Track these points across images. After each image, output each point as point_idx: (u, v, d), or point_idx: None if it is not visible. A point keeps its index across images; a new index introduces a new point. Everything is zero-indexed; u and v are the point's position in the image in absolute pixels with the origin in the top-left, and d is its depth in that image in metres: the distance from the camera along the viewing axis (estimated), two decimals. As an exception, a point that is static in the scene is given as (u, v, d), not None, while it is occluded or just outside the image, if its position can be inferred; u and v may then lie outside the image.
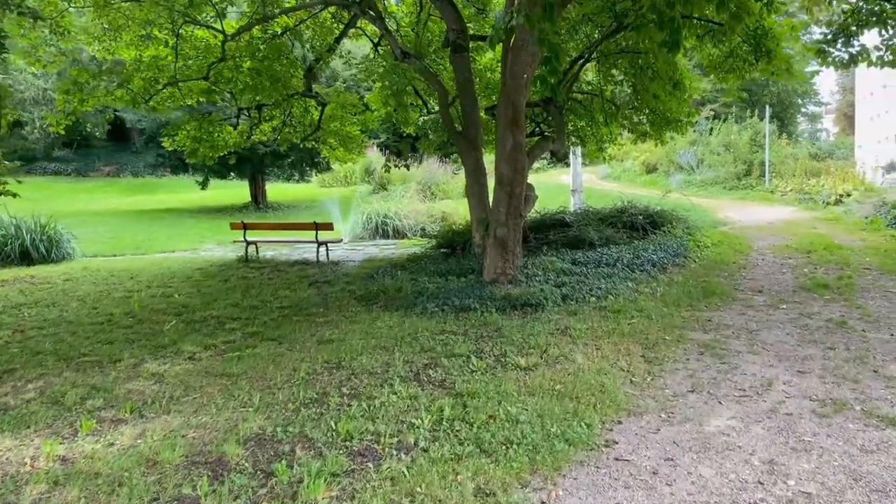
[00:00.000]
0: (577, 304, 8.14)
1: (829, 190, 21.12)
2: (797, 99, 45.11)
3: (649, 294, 8.64)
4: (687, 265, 10.95)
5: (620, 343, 6.38)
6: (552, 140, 11.90)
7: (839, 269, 10.19)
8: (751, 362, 5.80)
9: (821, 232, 14.67)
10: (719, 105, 35.16)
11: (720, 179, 27.42)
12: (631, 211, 13.90)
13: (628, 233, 13.16)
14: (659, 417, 4.60)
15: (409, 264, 12.22)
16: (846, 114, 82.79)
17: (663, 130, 13.73)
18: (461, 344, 6.50)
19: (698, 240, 13.11)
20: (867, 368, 5.46)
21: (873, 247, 12.03)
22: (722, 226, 17.05)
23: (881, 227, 14.59)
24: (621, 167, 35.41)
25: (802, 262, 10.99)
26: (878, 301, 7.95)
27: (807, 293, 8.60)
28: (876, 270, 9.90)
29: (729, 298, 8.45)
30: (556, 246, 12.11)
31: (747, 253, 12.34)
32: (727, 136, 29.42)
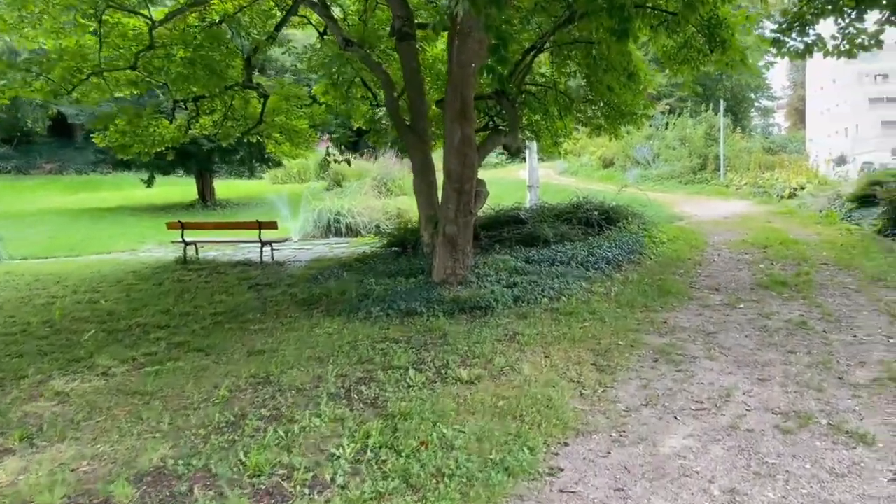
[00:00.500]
0: (529, 306, 7.70)
1: (783, 183, 21.17)
2: (750, 93, 45.67)
3: (603, 294, 8.25)
4: (642, 262, 10.62)
5: (571, 350, 5.94)
6: (504, 134, 11.45)
7: (796, 264, 9.97)
8: (708, 369, 5.42)
9: (776, 226, 14.54)
10: (675, 99, 35.27)
11: (676, 174, 27.42)
12: (586, 207, 13.55)
13: (584, 229, 12.81)
14: (609, 437, 4.16)
15: (358, 264, 11.68)
16: (797, 108, 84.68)
17: (618, 124, 13.40)
18: (402, 354, 6.00)
19: (654, 235, 12.82)
20: (831, 375, 5.12)
21: (829, 241, 11.88)
22: (678, 221, 16.87)
23: (836, 220, 14.53)
24: (578, 162, 35.28)
25: (759, 258, 10.76)
26: (838, 299, 7.68)
27: (764, 291, 8.31)
28: (833, 265, 9.70)
29: (685, 298, 8.11)
30: (510, 244, 11.70)
31: (703, 249, 12.09)
32: (682, 131, 29.46)
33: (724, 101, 31.79)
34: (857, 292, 7.95)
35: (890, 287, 8.07)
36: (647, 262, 10.62)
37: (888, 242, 11.06)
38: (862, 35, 9.17)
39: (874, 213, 13.49)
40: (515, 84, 11.46)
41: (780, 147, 29.69)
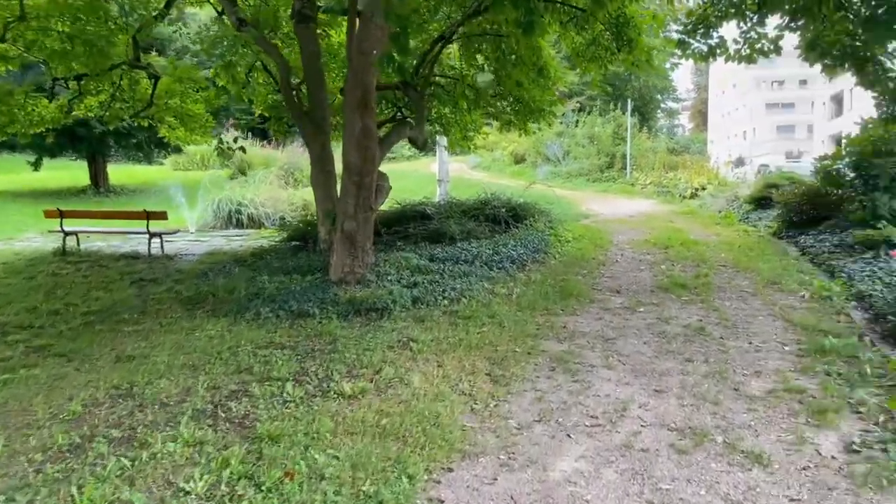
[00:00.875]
0: (428, 309, 7.34)
1: (685, 184, 21.74)
2: (657, 95, 47.08)
3: (505, 296, 7.99)
4: (547, 262, 10.47)
5: (466, 358, 5.61)
6: (411, 126, 11.03)
7: (696, 265, 10.04)
8: (605, 379, 5.19)
9: (678, 226, 14.80)
10: (585, 98, 35.89)
11: (585, 171, 27.81)
12: (494, 203, 13.33)
13: (490, 226, 12.58)
14: (498, 460, 3.83)
15: (254, 260, 11.02)
16: (700, 111, 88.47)
17: (527, 120, 13.24)
18: (284, 362, 5.50)
19: (560, 234, 12.75)
20: (727, 386, 4.99)
21: (727, 242, 12.11)
22: (584, 219, 16.96)
23: (734, 221, 14.91)
24: (491, 157, 35.34)
25: (660, 259, 10.81)
26: (735, 302, 7.70)
27: (664, 293, 8.26)
28: (731, 267, 9.81)
29: (586, 300, 7.95)
30: (416, 240, 11.32)
31: (607, 248, 12.09)
32: (591, 129, 29.91)
33: (632, 101, 32.54)
34: (754, 296, 8.01)
35: (784, 291, 8.17)
36: (552, 262, 10.47)
37: (783, 245, 11.35)
38: (763, 40, 9.30)
39: (770, 216, 13.90)
40: (423, 75, 11.07)
41: (683, 148, 30.65)
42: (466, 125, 14.41)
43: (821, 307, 7.28)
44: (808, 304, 7.50)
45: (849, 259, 8.91)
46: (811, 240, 10.74)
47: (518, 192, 14.43)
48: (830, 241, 10.17)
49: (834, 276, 8.55)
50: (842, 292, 7.65)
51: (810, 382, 5.00)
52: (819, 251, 9.88)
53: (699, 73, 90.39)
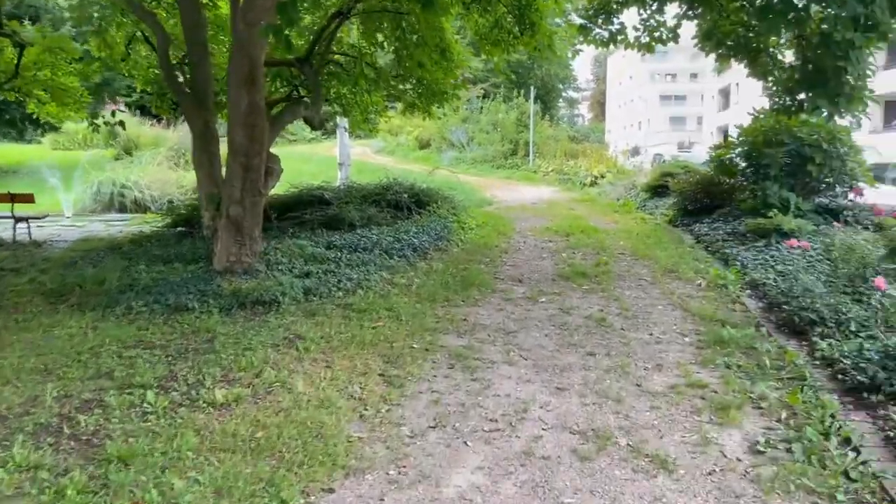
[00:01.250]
0: (320, 301, 6.85)
1: (585, 172, 22.02)
2: (559, 84, 47.83)
3: (404, 286, 7.59)
4: (449, 249, 10.15)
5: (358, 356, 5.17)
6: (306, 106, 10.40)
7: (596, 253, 9.99)
8: (506, 377, 4.89)
9: (579, 213, 14.85)
10: (489, 84, 35.86)
11: (489, 158, 27.77)
12: (396, 189, 12.88)
13: (392, 212, 12.14)
14: (386, 476, 3.43)
15: (132, 247, 10.13)
16: (599, 101, 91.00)
17: (431, 103, 12.84)
18: (151, 366, 4.89)
19: (463, 221, 12.48)
20: (630, 381, 4.79)
21: (626, 230, 12.19)
22: (488, 205, 16.80)
23: (632, 209, 15.11)
24: (395, 141, 34.81)
25: (562, 246, 10.71)
26: (634, 291, 7.61)
27: (566, 282, 8.10)
28: (630, 255, 9.81)
29: (488, 290, 7.67)
30: (312, 226, 10.75)
31: (510, 235, 11.91)
32: (496, 115, 29.90)
33: (535, 89, 32.79)
34: (652, 284, 7.97)
35: (682, 279, 8.18)
36: (455, 250, 10.17)
37: (678, 233, 11.51)
38: (661, 28, 9.28)
39: (666, 204, 14.15)
40: (319, 52, 10.45)
41: (583, 137, 31.20)
42: (368, 107, 13.87)
43: (717, 296, 7.30)
44: (705, 292, 7.51)
45: (742, 247, 9.05)
46: (705, 228, 10.93)
47: (422, 178, 14.04)
48: (724, 229, 10.36)
49: (728, 265, 8.65)
50: (736, 280, 7.71)
51: (711, 376, 4.88)
52: (713, 239, 10.04)
53: (598, 64, 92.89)
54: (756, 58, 8.93)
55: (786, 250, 8.24)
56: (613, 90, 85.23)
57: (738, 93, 55.65)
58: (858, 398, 4.30)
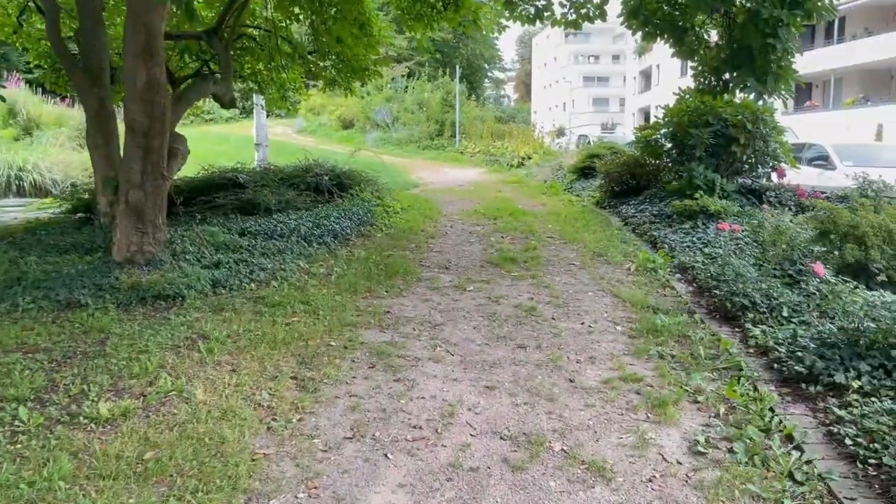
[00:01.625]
0: (230, 294, 6.30)
1: (512, 153, 21.86)
2: (484, 64, 47.62)
3: (323, 276, 7.12)
4: (373, 235, 9.70)
5: (269, 357, 4.69)
6: (214, 81, 9.68)
7: (524, 237, 9.74)
8: (431, 376, 4.53)
9: (506, 196, 14.63)
10: (414, 63, 35.30)
11: (415, 138, 27.29)
12: (316, 171, 12.28)
13: (312, 196, 11.55)
14: (295, 500, 3.01)
15: (26, 235, 9.22)
16: (524, 82, 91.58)
17: (352, 79, 12.27)
18: (30, 374, 4.27)
19: (388, 204, 12.03)
20: (562, 376, 4.51)
21: (554, 212, 12.02)
22: (414, 188, 16.39)
23: (559, 190, 14.99)
24: (317, 121, 33.82)
25: (490, 230, 10.42)
26: (564, 277, 7.38)
27: (494, 268, 7.80)
28: (559, 239, 9.60)
29: (414, 278, 7.28)
30: (226, 212, 10.07)
31: (437, 219, 11.55)
32: (421, 94, 29.36)
33: (461, 68, 32.42)
34: (582, 269, 7.76)
35: (611, 263, 8.01)
36: (378, 236, 9.72)
37: (605, 215, 11.41)
38: (588, 5, 9.03)
39: (593, 185, 14.09)
40: (229, 24, 9.74)
41: (510, 117, 31.02)
42: (285, 84, 13.19)
43: (647, 280, 7.15)
44: (635, 276, 7.36)
45: (669, 229, 8.98)
46: (632, 209, 10.86)
47: (344, 159, 13.46)
48: (650, 210, 10.29)
49: (657, 248, 8.56)
50: (665, 264, 7.59)
51: (645, 368, 4.66)
52: (640, 221, 9.95)
53: (523, 44, 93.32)
54: (682, 37, 8.78)
55: (713, 232, 8.18)
56: (538, 71, 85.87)
57: (660, 75, 56.97)
58: (797, 389, 4.15)
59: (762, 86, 7.33)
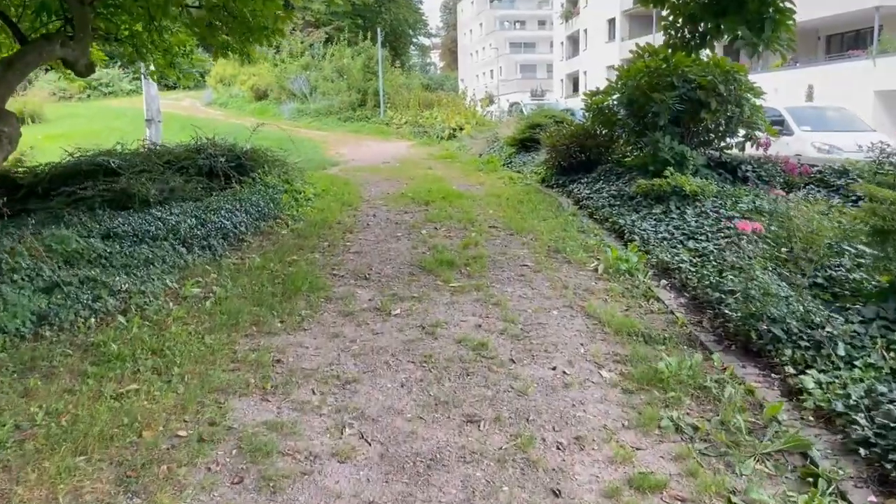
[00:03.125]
0: (55, 339, 4.41)
1: (442, 123, 20.06)
2: (409, 29, 45.28)
3: (196, 300, 5.25)
4: (275, 232, 7.83)
5: (69, 474, 2.87)
6: (62, 43, 7.51)
7: (463, 228, 8.05)
8: (333, 494, 2.81)
9: (438, 174, 12.87)
10: (333, 28, 32.75)
11: (335, 109, 25.06)
12: (210, 151, 10.21)
13: (205, 183, 9.51)
14: None
15: None
16: (450, 49, 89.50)
17: (246, 41, 10.17)
18: None
19: (298, 190, 10.10)
20: (540, 485, 2.87)
21: (495, 193, 10.34)
22: (332, 167, 14.43)
23: (497, 166, 13.32)
24: (228, 93, 31.05)
25: (420, 219, 8.68)
26: (518, 287, 5.74)
27: (428, 276, 6.08)
28: (504, 229, 7.95)
29: (321, 297, 5.48)
30: (93, 206, 7.99)
31: (357, 206, 9.71)
32: (340, 61, 27.01)
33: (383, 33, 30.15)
34: (538, 273, 6.14)
35: (573, 262, 6.43)
36: (283, 233, 7.85)
37: (554, 196, 9.82)
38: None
39: (535, 160, 12.50)
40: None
41: (437, 85, 29.00)
42: (171, 48, 10.99)
43: (623, 288, 5.59)
44: (607, 282, 5.79)
45: (635, 215, 7.47)
46: (586, 189, 9.30)
47: (244, 136, 11.40)
48: (608, 190, 8.76)
49: (624, 239, 7.02)
50: (640, 263, 6.06)
51: (663, 459, 3.07)
52: (598, 204, 8.41)
53: (448, 11, 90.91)
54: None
55: (693, 219, 6.70)
56: (464, 38, 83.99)
57: (587, 39, 55.92)
58: (917, 505, 2.62)
59: (756, 35, 5.80)
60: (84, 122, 22.96)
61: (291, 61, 28.78)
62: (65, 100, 31.78)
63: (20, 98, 23.57)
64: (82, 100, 32.06)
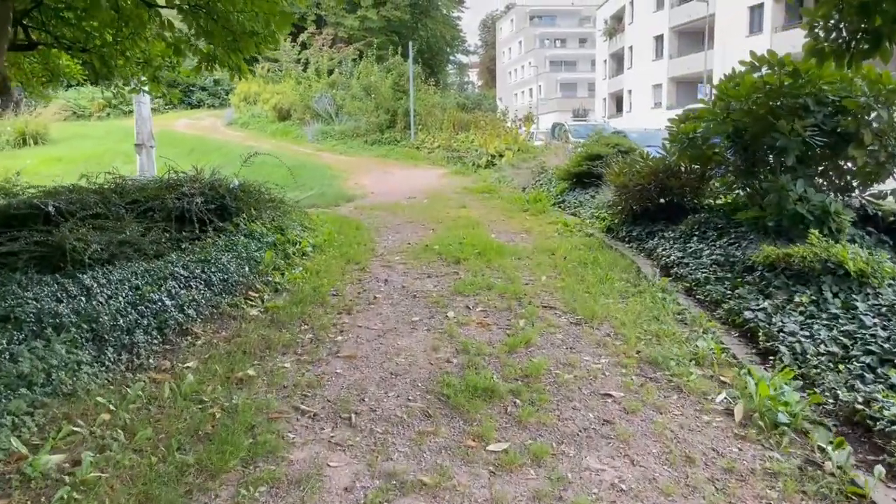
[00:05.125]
0: None
1: (479, 148, 17.74)
2: (445, 47, 43.27)
3: (45, 487, 2.96)
4: (241, 315, 5.54)
5: None
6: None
7: (506, 309, 5.68)
8: None
9: (473, 215, 10.50)
10: (364, 44, 30.78)
11: (361, 131, 22.90)
12: (184, 189, 8.03)
13: (173, 231, 7.33)
14: None
15: None
16: (489, 67, 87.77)
17: (233, 49, 7.99)
18: None
19: (293, 240, 7.84)
20: None
21: (547, 248, 7.92)
22: (347, 202, 12.19)
23: (547, 206, 10.89)
24: (250, 112, 29.22)
25: (447, 290, 6.32)
26: (604, 458, 3.32)
27: (452, 424, 3.71)
28: (566, 313, 5.54)
29: (263, 477, 3.15)
30: (17, 266, 5.85)
31: (366, 264, 7.41)
32: (367, 77, 24.87)
33: (416, 47, 28.07)
34: (632, 417, 3.74)
35: (684, 392, 4.00)
36: (252, 314, 5.56)
37: (628, 255, 7.35)
38: None
39: (595, 200, 10.05)
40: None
41: (475, 104, 26.66)
42: (152, 60, 8.94)
43: (792, 467, 3.15)
44: (758, 448, 3.36)
45: (764, 301, 4.99)
46: (673, 248, 6.82)
47: (259, 161, 9.21)
48: (709, 253, 6.28)
49: (757, 344, 4.57)
50: (804, 406, 3.61)
51: None
52: (698, 276, 5.95)
53: (486, 29, 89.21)
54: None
55: (871, 318, 4.22)
56: (503, 57, 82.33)
57: (633, 57, 53.32)
58: None
59: None
60: (91, 143, 21.28)
61: (317, 79, 26.85)
62: (84, 119, 30.37)
63: (22, 117, 22.00)
64: (101, 118, 30.60)
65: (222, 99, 34.45)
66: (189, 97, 35.95)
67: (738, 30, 37.85)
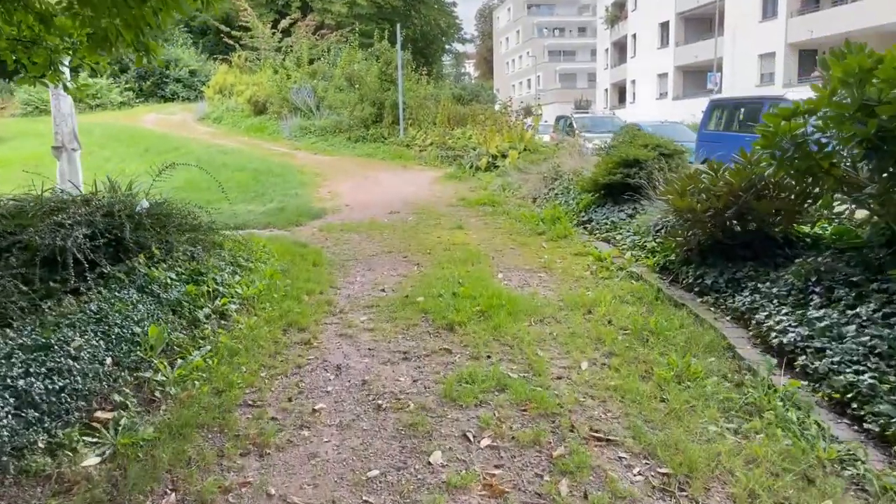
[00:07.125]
0: None
1: (478, 147, 15.28)
2: (441, 35, 40.65)
3: None
4: (58, 474, 3.11)
5: None
6: None
7: (533, 454, 3.29)
8: None
9: (472, 241, 8.07)
10: (349, 30, 28.20)
11: (344, 127, 20.39)
12: (63, 217, 5.58)
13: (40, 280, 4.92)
14: None
15: None
16: (486, 58, 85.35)
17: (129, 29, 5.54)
18: None
19: (213, 291, 5.41)
20: None
21: (579, 301, 5.48)
22: (312, 220, 9.74)
23: (568, 227, 8.40)
24: (224, 106, 26.68)
25: (432, 395, 3.93)
26: None
27: None
28: (638, 458, 3.14)
29: None
30: None
31: (316, 331, 4.99)
32: (350, 65, 22.26)
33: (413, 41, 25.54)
34: None
35: None
36: (79, 472, 3.13)
37: (706, 318, 4.90)
38: None
39: (632, 220, 7.62)
40: None
41: (472, 96, 24.06)
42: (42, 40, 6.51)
43: None
44: None
45: None
46: (786, 317, 4.40)
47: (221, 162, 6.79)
48: (856, 333, 3.89)
49: None
50: None
51: None
52: (849, 375, 3.55)
53: (483, 18, 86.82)
54: None
55: None
56: (500, 47, 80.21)
57: (636, 45, 50.85)
58: None
59: None
60: (36, 143, 18.82)
61: (296, 69, 24.35)
62: (46, 114, 27.85)
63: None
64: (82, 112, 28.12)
65: (199, 91, 31.91)
66: (162, 89, 33.36)
67: (751, 14, 35.43)
